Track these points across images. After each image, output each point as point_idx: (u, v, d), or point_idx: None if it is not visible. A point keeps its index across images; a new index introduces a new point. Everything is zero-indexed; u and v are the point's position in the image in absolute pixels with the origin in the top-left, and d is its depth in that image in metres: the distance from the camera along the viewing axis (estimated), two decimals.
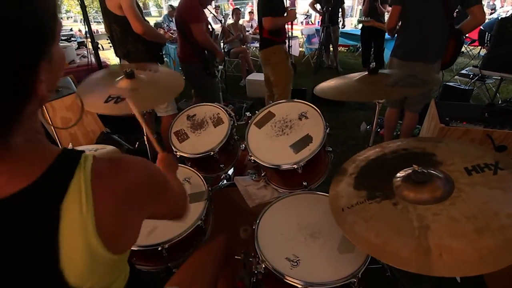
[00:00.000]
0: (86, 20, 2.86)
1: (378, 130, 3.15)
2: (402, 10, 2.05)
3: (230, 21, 5.93)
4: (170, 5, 7.41)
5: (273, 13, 2.44)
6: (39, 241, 0.43)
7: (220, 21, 4.85)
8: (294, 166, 1.13)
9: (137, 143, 2.10)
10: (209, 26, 2.62)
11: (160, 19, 7.00)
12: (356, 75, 1.19)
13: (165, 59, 5.01)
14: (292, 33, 3.85)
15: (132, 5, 1.92)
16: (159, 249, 1.00)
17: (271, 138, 1.24)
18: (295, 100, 1.31)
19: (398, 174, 0.90)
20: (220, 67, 4.41)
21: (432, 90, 2.43)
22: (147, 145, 1.66)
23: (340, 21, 5.37)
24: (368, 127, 3.27)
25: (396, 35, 2.23)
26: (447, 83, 3.48)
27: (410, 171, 0.87)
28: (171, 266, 1.11)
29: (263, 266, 0.95)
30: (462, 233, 0.71)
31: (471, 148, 0.93)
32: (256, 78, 4.45)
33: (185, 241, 1.07)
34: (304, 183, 1.25)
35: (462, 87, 3.27)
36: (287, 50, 2.68)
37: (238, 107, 3.71)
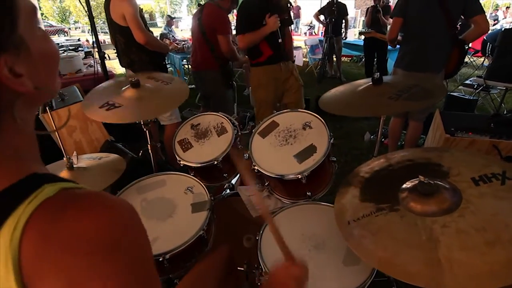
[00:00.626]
0: (94, 30, 2.94)
1: (383, 140, 3.13)
2: (404, 21, 2.06)
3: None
4: (168, 16, 7.56)
5: (245, 29, 2.14)
6: None
7: None
8: (298, 176, 1.12)
9: (141, 151, 2.10)
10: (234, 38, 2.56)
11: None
12: (361, 83, 1.19)
13: (170, 68, 5.09)
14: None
15: (135, 16, 1.96)
16: (160, 259, 0.98)
17: (275, 147, 1.24)
18: (299, 110, 1.31)
19: (404, 186, 0.88)
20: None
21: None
22: (150, 153, 1.67)
23: (343, 32, 5.43)
24: (372, 136, 3.25)
25: (399, 45, 2.24)
26: (451, 93, 3.48)
27: (416, 182, 0.85)
28: (172, 277, 1.10)
29: (266, 278, 0.93)
30: (472, 246, 0.69)
31: (477, 157, 0.92)
32: None
33: (186, 252, 1.05)
34: (308, 193, 1.23)
35: (467, 97, 3.27)
36: (270, 71, 2.27)
37: (241, 116, 3.72)
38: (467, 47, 2.04)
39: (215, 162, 1.28)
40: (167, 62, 2.38)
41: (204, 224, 1.09)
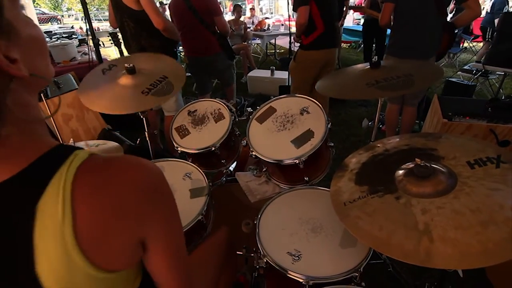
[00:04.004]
0: (87, 17, 2.87)
1: (380, 126, 3.14)
2: (395, 7, 2.03)
3: (229, 17, 5.91)
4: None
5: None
6: (15, 239, 0.39)
7: None
8: (295, 161, 1.13)
9: (138, 139, 2.09)
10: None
11: None
12: (360, 67, 1.18)
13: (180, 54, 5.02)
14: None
15: (152, 0, 1.89)
16: None
17: (273, 133, 1.24)
18: (297, 95, 1.30)
19: (400, 169, 0.89)
20: None
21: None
22: (148, 141, 1.66)
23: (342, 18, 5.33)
24: (370, 123, 3.25)
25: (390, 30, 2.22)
26: (449, 79, 3.46)
27: (412, 165, 0.86)
28: None
29: (265, 260, 0.95)
30: (466, 225, 0.70)
31: (473, 142, 0.92)
32: (258, 74, 4.44)
33: (186, 236, 1.06)
34: (305, 178, 1.24)
35: (465, 83, 3.25)
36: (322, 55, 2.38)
37: (239, 103, 3.70)
38: (456, 31, 2.03)
39: (213, 149, 1.28)
40: (177, 49, 2.33)
41: (203, 209, 1.10)
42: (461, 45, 5.60)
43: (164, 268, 0.53)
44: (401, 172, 0.89)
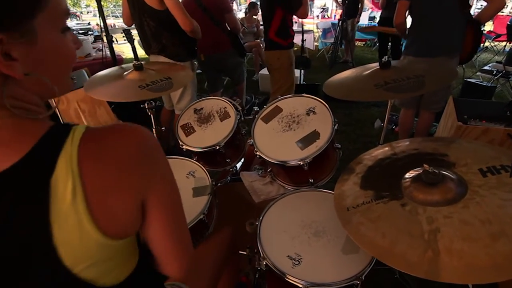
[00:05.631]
0: (101, 14, 2.91)
1: (393, 127, 3.05)
2: (412, 4, 1.94)
3: (241, 14, 5.88)
4: None
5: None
6: (32, 217, 0.42)
7: None
8: (300, 162, 1.10)
9: None
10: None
11: None
12: (369, 67, 1.14)
13: None
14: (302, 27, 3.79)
15: (178, 1, 1.85)
16: None
17: (278, 133, 1.22)
18: (304, 94, 1.27)
19: (408, 174, 0.86)
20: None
21: (451, 87, 2.30)
22: (155, 136, 1.67)
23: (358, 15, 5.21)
24: (382, 124, 3.17)
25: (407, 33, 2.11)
26: (468, 80, 3.33)
27: (420, 171, 0.82)
28: None
29: (264, 263, 0.93)
30: (475, 237, 0.66)
31: (486, 148, 0.87)
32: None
33: None
34: (310, 180, 1.22)
35: (484, 84, 3.12)
36: (292, 54, 2.46)
37: (249, 101, 3.69)
38: (482, 28, 1.90)
39: (217, 147, 1.27)
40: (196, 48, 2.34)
41: (205, 208, 1.09)
42: (482, 44, 5.38)
43: (163, 235, 0.55)
44: (408, 177, 0.85)
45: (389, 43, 4.42)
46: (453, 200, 0.74)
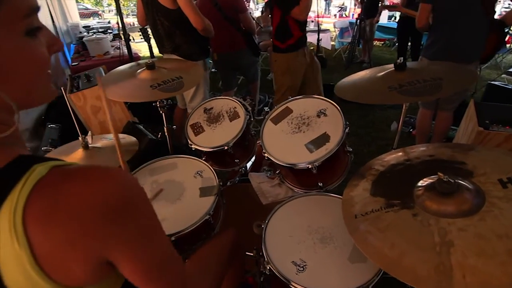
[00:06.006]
0: (119, 13, 2.97)
1: (410, 130, 2.95)
2: (434, 6, 1.85)
3: (257, 13, 5.86)
4: None
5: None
6: None
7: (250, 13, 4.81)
8: (308, 165, 1.08)
9: (160, 133, 2.13)
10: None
11: None
12: (384, 68, 1.10)
13: None
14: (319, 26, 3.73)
15: (191, 0, 1.87)
16: None
17: (287, 135, 1.19)
18: (314, 96, 1.24)
19: (421, 182, 0.81)
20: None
21: (467, 88, 2.20)
22: (167, 135, 1.69)
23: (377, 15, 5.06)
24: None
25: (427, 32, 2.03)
26: (492, 82, 3.17)
27: (434, 179, 0.78)
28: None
29: (268, 267, 0.92)
30: (491, 253, 0.62)
31: (508, 157, 0.82)
32: None
33: (192, 235, 1.06)
34: (319, 184, 1.19)
35: (510, 87, 2.96)
36: (301, 56, 2.24)
37: (262, 100, 3.67)
38: (506, 30, 1.80)
39: (225, 148, 1.26)
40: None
41: (211, 209, 1.09)
42: (508, 45, 5.12)
43: (142, 281, 0.48)
44: (421, 186, 0.81)
45: (409, 43, 4.27)
46: (469, 212, 0.70)
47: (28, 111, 2.70)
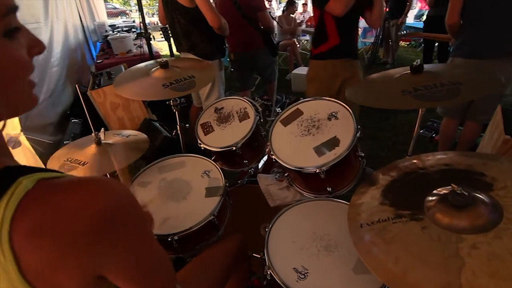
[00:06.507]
0: (141, 12, 3.05)
1: (433, 135, 2.82)
2: (466, 1, 1.72)
3: (279, 12, 5.82)
4: None
5: None
6: None
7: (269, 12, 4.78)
8: (316, 170, 1.04)
9: (174, 131, 2.16)
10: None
11: None
12: (399, 71, 1.04)
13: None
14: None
15: None
16: (169, 239, 1.00)
17: (296, 137, 1.16)
18: (326, 98, 1.20)
19: (432, 194, 0.76)
20: None
21: (502, 96, 2.02)
22: (179, 134, 1.71)
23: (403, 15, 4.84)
24: (421, 131, 2.94)
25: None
26: None
27: (447, 191, 0.73)
28: (184, 256, 1.12)
29: (269, 272, 0.90)
30: (505, 275, 0.57)
31: None
32: (302, 72, 4.31)
33: (196, 235, 1.06)
34: (328, 189, 1.15)
35: None
36: (331, 66, 1.86)
37: (280, 101, 3.64)
38: None
39: (234, 148, 1.26)
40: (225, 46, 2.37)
41: (215, 209, 1.08)
42: None
43: (130, 286, 0.47)
44: (433, 197, 0.76)
45: (436, 43, 4.07)
46: (483, 228, 0.65)
47: (55, 106, 2.84)
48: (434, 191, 0.77)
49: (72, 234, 0.36)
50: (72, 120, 2.65)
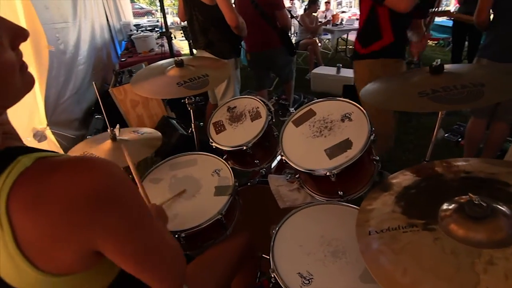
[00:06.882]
0: (162, 12, 3.12)
1: (459, 140, 2.67)
2: None
3: (301, 11, 5.74)
4: None
5: None
6: None
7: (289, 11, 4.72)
8: (326, 172, 1.01)
9: (190, 129, 2.19)
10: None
11: None
12: (418, 72, 0.99)
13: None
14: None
15: None
16: (176, 236, 1.01)
17: (307, 138, 1.14)
18: (341, 98, 1.17)
19: (448, 203, 0.72)
20: None
21: None
22: (193, 132, 1.72)
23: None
24: (446, 134, 2.80)
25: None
26: None
27: (464, 200, 0.68)
28: (191, 254, 1.13)
29: (273, 276, 0.88)
30: None
31: None
32: (322, 72, 4.23)
33: (203, 233, 1.06)
34: (339, 193, 1.12)
35: None
36: (390, 65, 1.62)
37: (297, 100, 3.60)
38: None
39: (244, 148, 1.25)
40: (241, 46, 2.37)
41: (223, 208, 1.08)
42: None
43: (136, 270, 0.49)
44: (448, 206, 0.71)
45: (466, 42, 3.85)
46: (503, 243, 0.60)
47: (80, 102, 2.97)
48: (451, 200, 0.72)
49: (64, 207, 0.38)
50: (96, 116, 2.75)
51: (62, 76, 2.43)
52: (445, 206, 0.71)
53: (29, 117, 1.89)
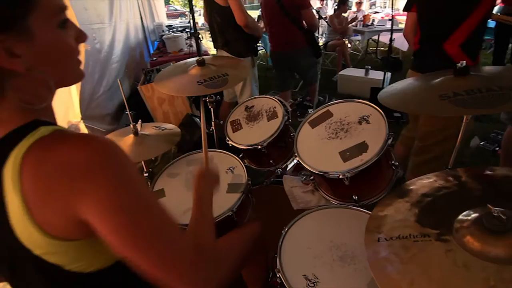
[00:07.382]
0: (191, 13, 3.21)
1: (496, 148, 2.48)
2: None
3: (330, 11, 5.63)
4: None
5: None
6: None
7: (318, 12, 4.65)
8: (339, 175, 0.99)
9: (211, 127, 2.24)
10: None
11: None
12: (442, 73, 0.93)
13: (261, 50, 5.19)
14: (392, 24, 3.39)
15: None
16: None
17: (322, 140, 1.12)
18: (359, 100, 1.13)
19: (465, 213, 0.67)
20: None
21: None
22: (213, 130, 1.76)
23: None
24: (482, 143, 2.61)
25: None
26: None
27: (483, 212, 0.63)
28: None
29: (278, 276, 0.88)
30: None
31: None
32: (350, 73, 4.12)
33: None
34: (354, 197, 1.08)
35: None
36: None
37: (322, 102, 3.53)
38: None
39: (259, 147, 1.25)
40: (257, 45, 2.42)
41: (234, 206, 1.09)
42: None
43: (121, 248, 0.47)
44: (464, 217, 0.67)
45: (510, 45, 3.56)
46: None
47: (112, 98, 3.14)
48: (468, 211, 0.68)
49: (60, 172, 0.43)
50: (126, 112, 2.90)
51: (96, 73, 2.59)
52: (461, 217, 0.67)
53: (64, 112, 2.04)
